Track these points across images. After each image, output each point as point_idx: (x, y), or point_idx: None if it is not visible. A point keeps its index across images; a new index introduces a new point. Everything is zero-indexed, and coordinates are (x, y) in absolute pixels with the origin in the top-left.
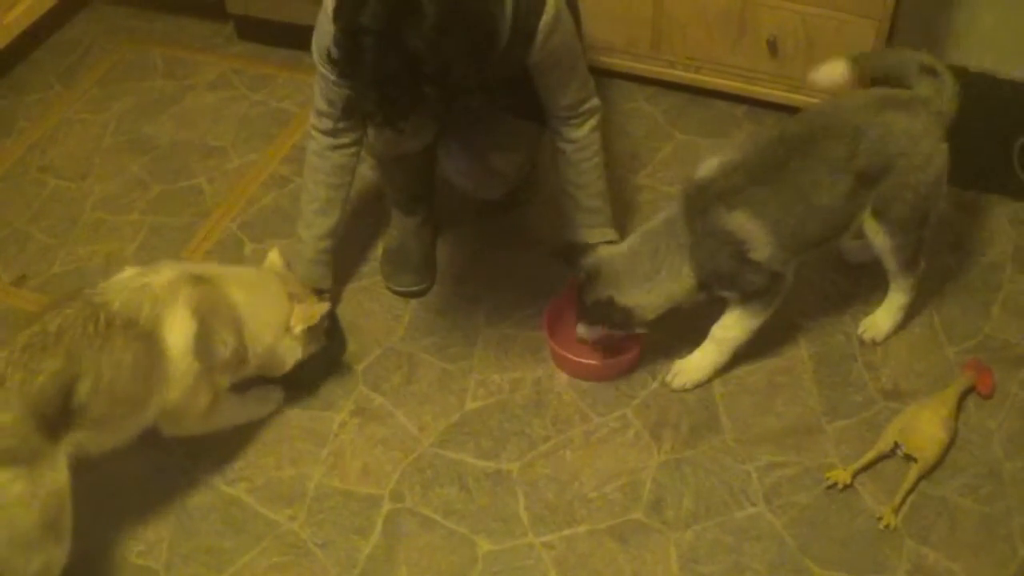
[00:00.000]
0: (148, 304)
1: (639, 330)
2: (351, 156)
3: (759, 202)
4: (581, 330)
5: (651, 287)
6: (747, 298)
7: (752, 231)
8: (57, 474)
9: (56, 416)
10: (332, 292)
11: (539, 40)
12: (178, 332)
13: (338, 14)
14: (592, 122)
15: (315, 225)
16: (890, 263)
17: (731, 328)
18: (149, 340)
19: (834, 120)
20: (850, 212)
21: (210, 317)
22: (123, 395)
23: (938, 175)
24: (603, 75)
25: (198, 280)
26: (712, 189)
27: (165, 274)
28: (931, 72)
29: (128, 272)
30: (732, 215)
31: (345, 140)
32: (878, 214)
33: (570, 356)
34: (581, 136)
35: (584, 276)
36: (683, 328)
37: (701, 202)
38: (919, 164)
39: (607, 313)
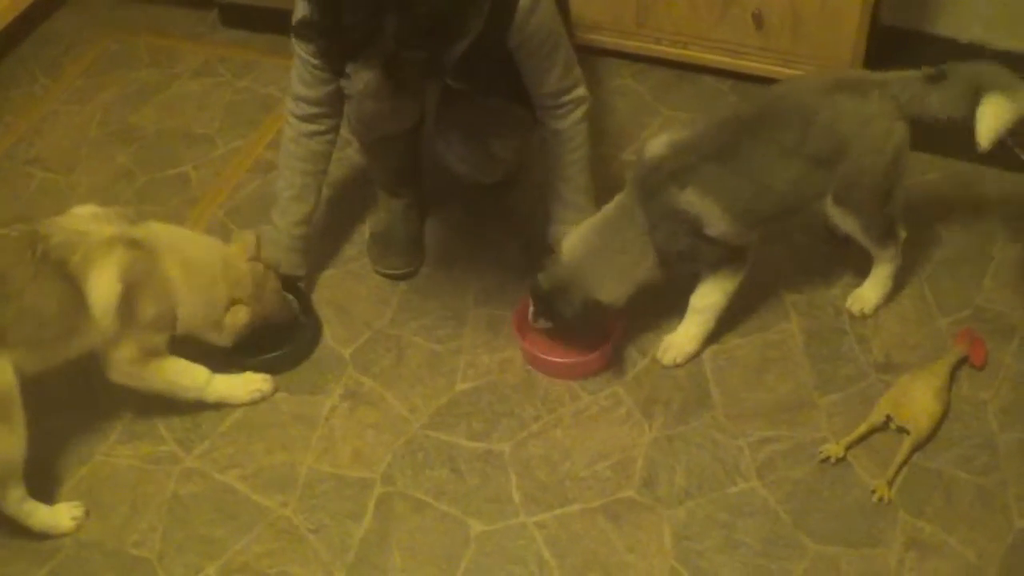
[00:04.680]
0: (81, 252)
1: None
2: (327, 143)
3: (710, 179)
4: (541, 324)
5: (619, 276)
6: (714, 267)
7: (705, 208)
8: (2, 372)
9: None
10: (306, 279)
11: (517, 22)
12: (102, 291)
13: None
14: (578, 113)
15: (290, 212)
16: (863, 241)
17: (708, 295)
18: (73, 287)
19: (786, 103)
20: (805, 193)
21: (137, 284)
22: (47, 325)
23: (896, 154)
24: (589, 52)
25: (135, 245)
26: (663, 169)
27: (107, 230)
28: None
29: (85, 209)
30: (684, 193)
31: (321, 126)
32: (839, 200)
33: (547, 357)
34: (565, 127)
35: (549, 289)
36: (670, 304)
37: (652, 183)
38: (874, 146)
39: (585, 316)
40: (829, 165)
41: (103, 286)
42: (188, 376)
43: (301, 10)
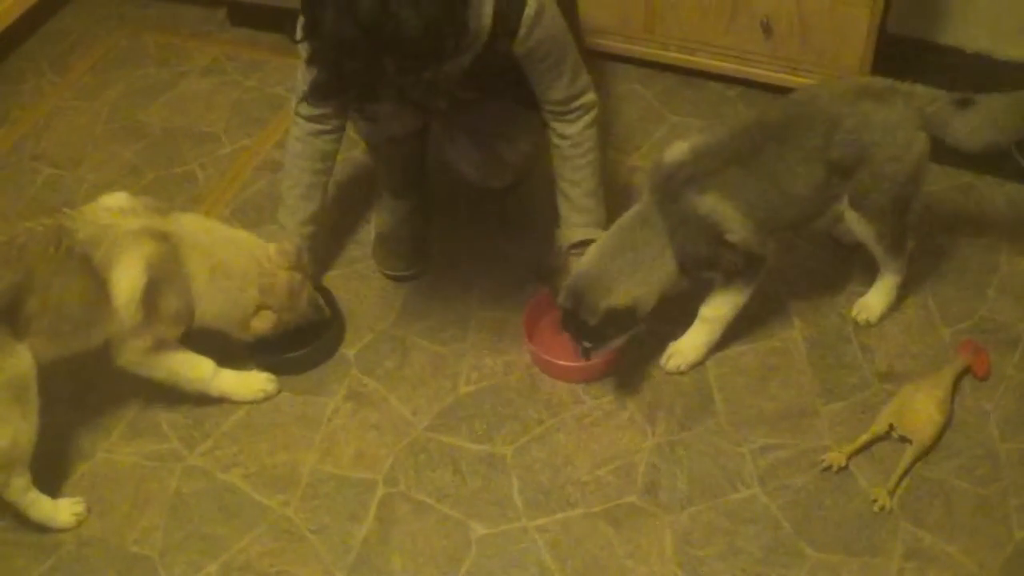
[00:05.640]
0: (106, 245)
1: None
2: (334, 141)
3: (732, 184)
4: (594, 356)
5: (640, 278)
6: (729, 277)
7: (725, 213)
8: (19, 360)
9: (11, 318)
10: (314, 278)
11: (522, 33)
12: (126, 284)
13: None
14: (587, 119)
15: (299, 211)
16: (875, 249)
17: (719, 307)
18: (98, 280)
19: (811, 109)
20: (823, 200)
21: (161, 277)
22: (68, 317)
23: (917, 164)
24: (597, 57)
25: (162, 238)
26: (681, 174)
27: (134, 223)
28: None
29: (114, 200)
30: (703, 198)
31: (328, 126)
32: (856, 205)
33: (556, 360)
34: (575, 133)
35: (570, 303)
36: (676, 310)
37: (671, 188)
38: (896, 154)
39: (613, 323)
40: (848, 172)
41: (128, 279)
42: (194, 368)
43: (305, 77)
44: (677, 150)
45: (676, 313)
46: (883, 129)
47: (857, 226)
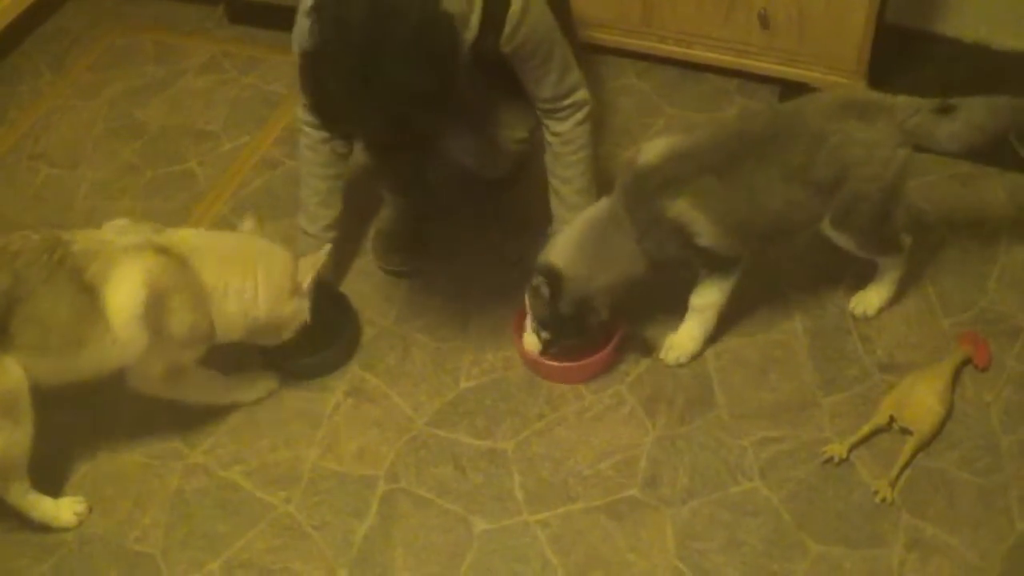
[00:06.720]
0: (100, 260)
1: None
2: (344, 145)
3: (704, 193)
4: (533, 340)
5: (607, 272)
6: (711, 270)
7: (695, 219)
8: (7, 375)
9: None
10: (333, 282)
11: (507, 31)
12: (123, 298)
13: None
14: (578, 116)
15: (320, 218)
16: (863, 255)
17: (707, 295)
18: (90, 294)
19: (796, 124)
20: (802, 218)
21: (165, 291)
22: (55, 332)
23: (895, 182)
24: (594, 51)
25: (162, 251)
26: (655, 178)
27: (132, 238)
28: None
29: (117, 222)
30: (674, 203)
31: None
32: (836, 223)
33: (552, 363)
34: (566, 130)
35: (575, 310)
36: (673, 303)
37: (643, 191)
38: (875, 173)
39: (580, 312)
40: (829, 191)
41: (124, 294)
42: (208, 390)
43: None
44: (652, 151)
45: (672, 306)
46: (864, 148)
47: (839, 241)
